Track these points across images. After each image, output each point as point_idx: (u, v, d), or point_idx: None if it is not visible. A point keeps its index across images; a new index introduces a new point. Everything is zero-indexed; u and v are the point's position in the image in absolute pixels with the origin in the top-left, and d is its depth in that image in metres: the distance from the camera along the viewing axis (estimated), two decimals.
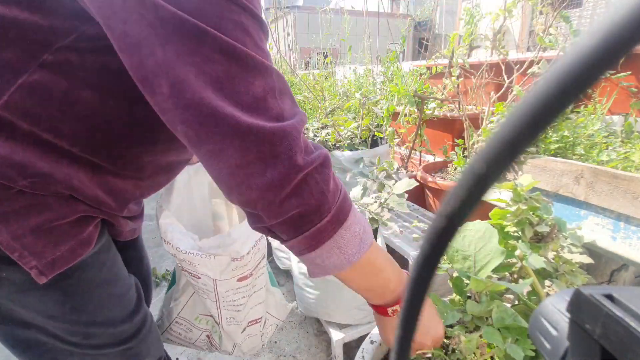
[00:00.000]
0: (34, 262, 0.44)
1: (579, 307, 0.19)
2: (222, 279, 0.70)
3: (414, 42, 7.40)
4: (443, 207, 0.13)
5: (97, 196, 0.49)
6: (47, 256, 0.45)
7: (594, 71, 0.10)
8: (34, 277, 0.44)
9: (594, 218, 0.92)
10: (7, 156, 0.40)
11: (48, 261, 0.45)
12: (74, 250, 0.47)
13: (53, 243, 0.45)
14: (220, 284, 0.71)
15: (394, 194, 1.04)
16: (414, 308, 0.17)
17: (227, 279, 0.71)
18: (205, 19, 0.33)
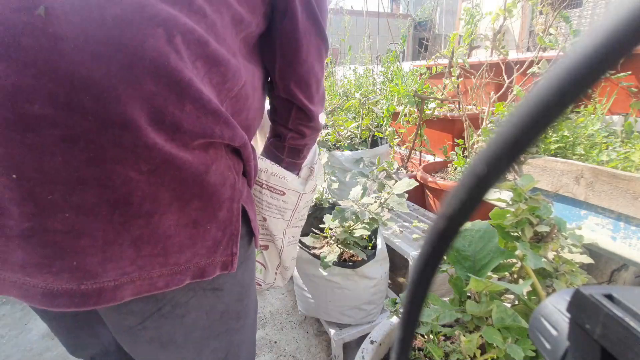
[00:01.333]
0: (257, 229, 0.54)
1: (579, 307, 0.19)
2: (305, 191, 0.77)
3: (414, 42, 7.39)
4: (444, 208, 0.13)
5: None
6: (256, 222, 0.54)
7: (594, 72, 0.10)
8: (255, 243, 0.54)
9: (594, 218, 0.92)
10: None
11: (258, 227, 0.54)
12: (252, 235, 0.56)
13: (254, 211, 0.55)
14: (303, 197, 0.78)
15: (394, 194, 1.05)
16: (414, 308, 0.17)
17: (309, 192, 0.78)
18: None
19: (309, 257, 1.11)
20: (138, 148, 0.35)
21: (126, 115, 0.33)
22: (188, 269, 0.43)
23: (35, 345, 1.39)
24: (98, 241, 0.36)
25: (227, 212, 0.45)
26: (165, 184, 0.38)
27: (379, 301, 1.18)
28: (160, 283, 0.41)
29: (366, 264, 1.06)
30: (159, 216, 0.39)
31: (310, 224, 1.28)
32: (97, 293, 0.37)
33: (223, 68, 0.40)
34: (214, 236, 0.44)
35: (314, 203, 1.43)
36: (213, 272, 0.45)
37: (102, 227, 0.36)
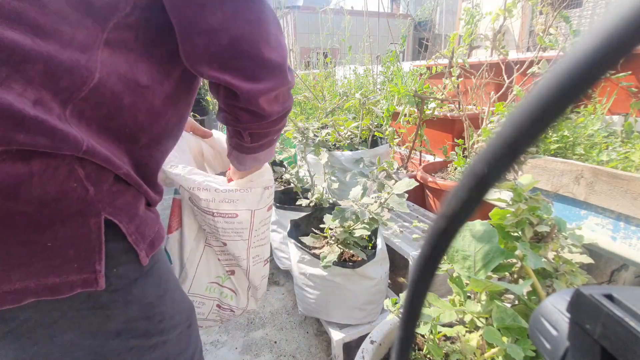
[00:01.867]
0: (142, 244, 0.46)
1: (579, 307, 0.19)
2: (259, 207, 0.79)
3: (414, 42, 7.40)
4: (444, 207, 0.13)
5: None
6: (147, 237, 0.47)
7: (595, 72, 0.10)
8: (141, 259, 0.47)
9: (594, 218, 0.92)
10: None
11: (148, 242, 0.48)
12: (160, 230, 0.51)
13: (149, 225, 0.48)
14: (257, 214, 0.79)
15: (394, 194, 1.05)
16: (414, 308, 0.17)
17: (262, 208, 0.80)
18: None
19: (309, 257, 1.11)
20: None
21: None
22: (26, 288, 0.39)
23: None
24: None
25: (78, 228, 0.40)
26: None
27: (379, 301, 1.18)
28: None
29: (366, 264, 1.06)
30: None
31: (310, 224, 1.28)
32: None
33: (49, 67, 0.36)
34: (61, 254, 0.40)
35: (314, 203, 1.43)
36: (70, 290, 0.41)
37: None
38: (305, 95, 2.02)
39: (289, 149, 1.71)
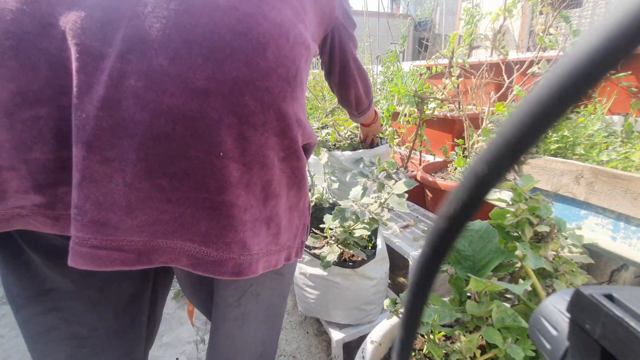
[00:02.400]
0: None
1: (579, 307, 0.19)
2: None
3: (414, 42, 7.39)
4: (445, 208, 0.13)
5: None
6: None
7: (596, 73, 0.10)
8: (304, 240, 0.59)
9: (594, 218, 0.92)
10: None
11: None
12: None
13: None
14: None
15: (394, 194, 1.05)
16: (415, 309, 0.17)
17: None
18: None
19: (309, 257, 1.11)
20: (285, 140, 0.43)
21: (289, 118, 0.43)
22: (283, 250, 0.48)
23: None
24: (253, 216, 0.42)
25: (304, 202, 0.51)
26: (287, 172, 0.45)
27: (379, 301, 1.18)
28: (274, 260, 0.47)
29: (366, 264, 1.06)
30: (280, 199, 0.45)
31: (310, 224, 1.28)
32: (247, 265, 0.43)
33: (304, 85, 0.49)
34: (296, 223, 0.50)
35: (314, 203, 1.43)
36: (292, 256, 0.51)
37: (255, 203, 0.42)
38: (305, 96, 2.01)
39: None
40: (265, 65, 0.38)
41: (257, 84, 0.38)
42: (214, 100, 0.37)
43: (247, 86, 0.37)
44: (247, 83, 0.37)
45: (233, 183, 0.39)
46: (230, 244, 0.41)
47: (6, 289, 0.47)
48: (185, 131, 0.36)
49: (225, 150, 0.38)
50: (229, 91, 0.37)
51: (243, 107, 0.38)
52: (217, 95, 0.37)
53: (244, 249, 0.41)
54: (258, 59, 0.38)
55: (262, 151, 0.41)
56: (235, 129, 0.38)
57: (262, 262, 0.45)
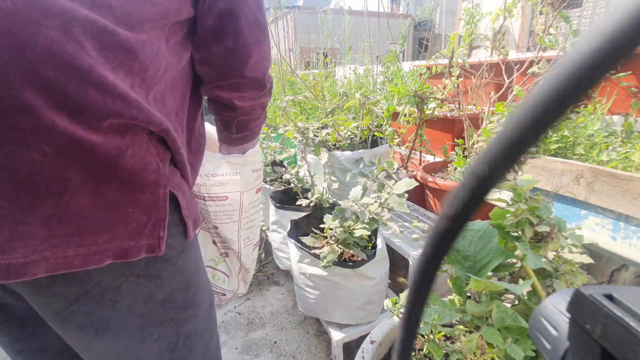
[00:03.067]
0: (190, 220, 0.54)
1: (579, 307, 0.19)
2: (248, 189, 0.82)
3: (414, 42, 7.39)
4: (445, 209, 0.13)
5: None
6: (192, 215, 0.55)
7: (596, 73, 0.10)
8: (189, 233, 0.54)
9: (594, 218, 0.92)
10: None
11: (193, 220, 0.55)
12: (199, 213, 0.59)
13: (194, 205, 0.56)
14: (246, 195, 0.83)
15: (394, 194, 1.05)
16: (416, 309, 0.17)
17: (251, 189, 0.84)
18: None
19: (309, 257, 1.11)
20: (39, 130, 0.36)
21: (22, 99, 0.35)
22: (108, 250, 0.44)
23: None
24: (5, 220, 0.38)
25: (151, 196, 0.46)
26: (73, 166, 0.39)
27: (379, 301, 1.18)
28: (77, 262, 0.42)
29: (366, 264, 1.06)
30: (69, 197, 0.40)
31: (310, 224, 1.28)
32: (5, 268, 0.39)
33: (139, 56, 0.43)
34: (137, 219, 0.45)
35: (314, 203, 1.43)
36: (138, 254, 0.46)
37: (8, 206, 0.37)
38: (305, 95, 2.02)
39: (289, 149, 1.71)
40: (25, 42, 0.36)
41: (20, 64, 0.35)
42: None
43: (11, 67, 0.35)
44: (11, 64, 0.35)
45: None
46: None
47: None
48: None
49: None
50: None
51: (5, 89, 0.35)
52: None
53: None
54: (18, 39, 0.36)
55: (1, 146, 0.35)
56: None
57: (46, 264, 0.40)
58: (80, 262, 0.42)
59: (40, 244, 0.40)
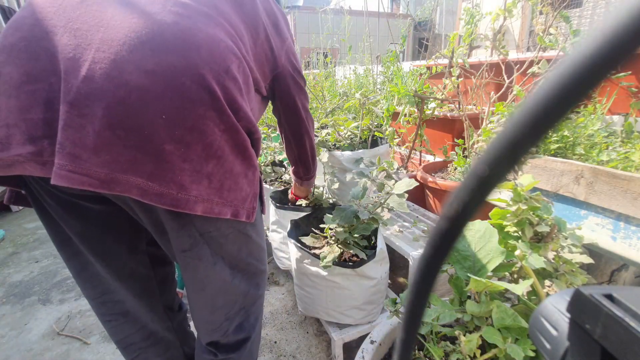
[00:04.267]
0: (263, 198, 0.76)
1: (579, 307, 0.19)
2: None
3: (414, 42, 7.39)
4: (446, 209, 0.13)
5: None
6: (263, 195, 0.76)
7: (597, 74, 0.10)
8: (263, 209, 0.78)
9: (594, 218, 0.92)
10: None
11: (263, 199, 0.76)
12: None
13: (262, 187, 0.75)
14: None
15: (394, 194, 1.05)
16: (416, 310, 0.17)
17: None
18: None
19: (309, 257, 1.11)
20: (221, 115, 0.57)
21: (217, 98, 0.56)
22: (231, 206, 0.62)
23: (35, 345, 1.39)
24: (193, 166, 0.56)
25: (253, 174, 0.66)
26: (229, 141, 0.59)
27: (379, 301, 1.18)
28: (216, 209, 0.60)
29: (366, 264, 1.06)
30: (223, 161, 0.59)
31: (310, 224, 1.28)
32: (184, 201, 0.56)
33: (249, 92, 0.67)
34: (246, 189, 0.64)
35: (314, 203, 1.43)
36: (242, 216, 0.64)
37: (195, 158, 0.56)
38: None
39: None
40: (198, 59, 0.55)
41: (192, 71, 0.54)
42: (159, 79, 0.52)
43: (184, 71, 0.54)
44: (184, 69, 0.54)
45: (174, 139, 0.54)
46: (170, 183, 0.55)
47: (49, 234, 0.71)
48: (137, 99, 0.52)
49: (168, 116, 0.53)
50: (170, 74, 0.53)
51: (181, 85, 0.53)
52: (161, 75, 0.53)
53: (181, 189, 0.56)
54: (192, 55, 0.55)
55: (201, 120, 0.55)
56: (176, 101, 0.53)
57: (201, 205, 0.58)
58: (218, 210, 0.60)
59: (204, 190, 0.58)
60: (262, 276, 0.80)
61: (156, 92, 0.52)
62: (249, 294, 0.77)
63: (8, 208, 2.77)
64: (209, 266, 0.68)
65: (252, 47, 0.70)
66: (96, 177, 0.52)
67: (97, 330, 1.45)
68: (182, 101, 0.53)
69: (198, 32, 0.56)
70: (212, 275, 0.69)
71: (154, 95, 0.52)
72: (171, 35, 0.54)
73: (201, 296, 0.72)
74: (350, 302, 1.12)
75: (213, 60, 0.56)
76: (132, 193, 0.53)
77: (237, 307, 0.77)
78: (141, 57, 0.52)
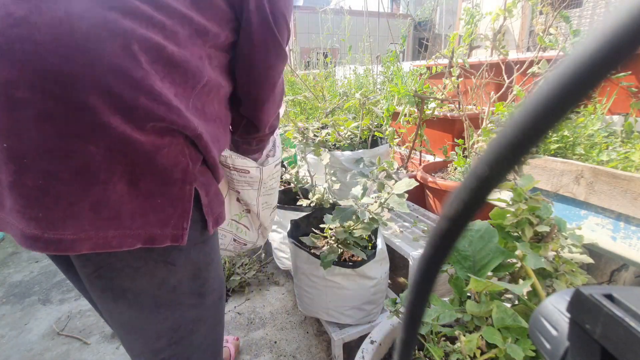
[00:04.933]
0: (211, 217, 0.60)
1: (579, 307, 0.19)
2: (265, 165, 0.95)
3: (414, 42, 7.39)
4: (446, 209, 0.13)
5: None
6: (215, 213, 0.61)
7: (598, 74, 0.10)
8: (209, 229, 0.60)
9: (594, 218, 0.92)
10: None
11: (214, 217, 0.62)
12: (222, 213, 0.64)
13: (217, 204, 0.62)
14: (265, 170, 0.95)
15: (394, 194, 1.05)
16: (416, 311, 0.17)
17: (269, 165, 0.96)
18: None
19: (309, 256, 1.11)
20: (96, 127, 0.44)
21: (87, 102, 0.43)
22: (139, 235, 0.51)
23: (35, 345, 1.39)
24: (62, 201, 0.45)
25: (179, 191, 0.53)
26: (119, 159, 0.46)
27: (379, 301, 1.18)
28: (114, 242, 0.49)
29: (366, 264, 1.07)
30: (113, 185, 0.47)
31: (310, 224, 1.28)
32: (57, 242, 0.46)
33: (182, 69, 0.50)
34: (165, 210, 0.52)
35: (315, 203, 1.43)
36: (163, 241, 0.53)
37: (65, 189, 0.45)
38: (305, 95, 2.02)
39: (289, 149, 1.71)
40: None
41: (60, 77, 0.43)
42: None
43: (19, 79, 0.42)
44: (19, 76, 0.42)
45: (28, 167, 0.43)
46: (30, 221, 0.46)
47: None
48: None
49: (28, 135, 0.43)
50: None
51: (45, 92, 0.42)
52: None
53: (48, 227, 0.46)
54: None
55: (65, 138, 0.43)
56: (36, 109, 0.42)
57: (90, 243, 0.48)
58: (117, 243, 0.49)
59: (87, 225, 0.47)
60: (201, 308, 0.66)
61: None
62: (179, 329, 0.63)
63: None
64: (111, 301, 0.58)
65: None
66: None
67: (97, 330, 1.45)
68: (42, 113, 0.43)
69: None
70: (118, 312, 0.59)
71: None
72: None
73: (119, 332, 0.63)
74: (350, 302, 1.12)
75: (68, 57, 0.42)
76: (7, 231, 0.49)
77: (164, 342, 0.63)
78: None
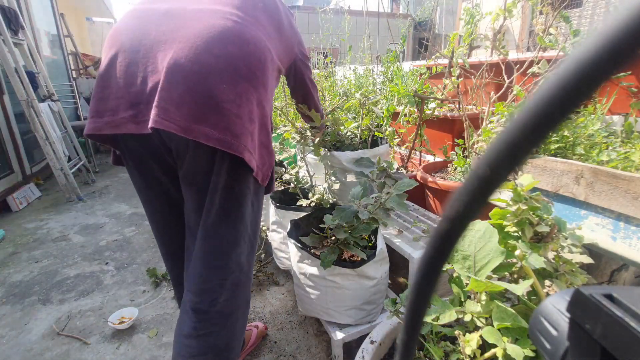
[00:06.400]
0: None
1: (579, 307, 0.19)
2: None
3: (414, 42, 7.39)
4: (447, 210, 0.13)
5: None
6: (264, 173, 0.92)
7: (600, 76, 0.10)
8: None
9: (594, 218, 0.92)
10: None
11: (263, 176, 0.91)
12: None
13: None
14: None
15: (394, 194, 1.05)
16: (417, 312, 0.17)
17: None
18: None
19: (309, 257, 1.11)
20: (258, 91, 0.81)
21: (259, 80, 0.82)
22: (254, 160, 0.81)
23: (35, 345, 1.39)
24: (242, 122, 0.77)
25: (270, 148, 0.89)
26: (259, 113, 0.82)
27: (379, 301, 1.18)
28: (253, 162, 0.81)
29: (366, 264, 1.07)
30: (258, 127, 0.82)
31: (310, 224, 1.28)
32: (236, 146, 0.75)
33: (277, 73, 0.95)
34: (265, 158, 0.87)
35: (314, 203, 1.43)
36: (259, 175, 0.85)
37: (244, 117, 0.77)
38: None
39: (289, 149, 1.70)
40: (248, 50, 0.78)
41: (245, 58, 0.78)
42: (222, 60, 0.75)
43: (239, 57, 0.77)
44: (239, 56, 0.77)
45: (230, 100, 0.75)
46: (226, 131, 0.74)
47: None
48: (207, 72, 0.73)
49: (227, 85, 0.74)
50: (230, 58, 0.75)
51: (236, 66, 0.76)
52: (224, 58, 0.75)
53: (235, 137, 0.75)
54: (244, 47, 0.78)
55: (247, 91, 0.77)
56: (232, 76, 0.75)
57: (247, 154, 0.77)
58: (253, 163, 0.80)
59: (249, 144, 0.78)
60: (251, 258, 0.95)
61: (220, 68, 0.74)
62: (242, 271, 0.90)
63: (8, 208, 2.77)
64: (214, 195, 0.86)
65: (279, 44, 0.94)
66: (177, 124, 0.72)
67: (97, 330, 1.45)
68: (236, 76, 0.75)
69: (248, 33, 0.80)
70: (223, 221, 0.86)
71: (218, 70, 0.73)
72: (231, 33, 0.77)
73: (206, 242, 0.86)
74: (350, 302, 1.12)
75: (258, 52, 0.80)
76: (200, 138, 0.73)
77: (231, 280, 0.88)
78: (211, 46, 0.74)
